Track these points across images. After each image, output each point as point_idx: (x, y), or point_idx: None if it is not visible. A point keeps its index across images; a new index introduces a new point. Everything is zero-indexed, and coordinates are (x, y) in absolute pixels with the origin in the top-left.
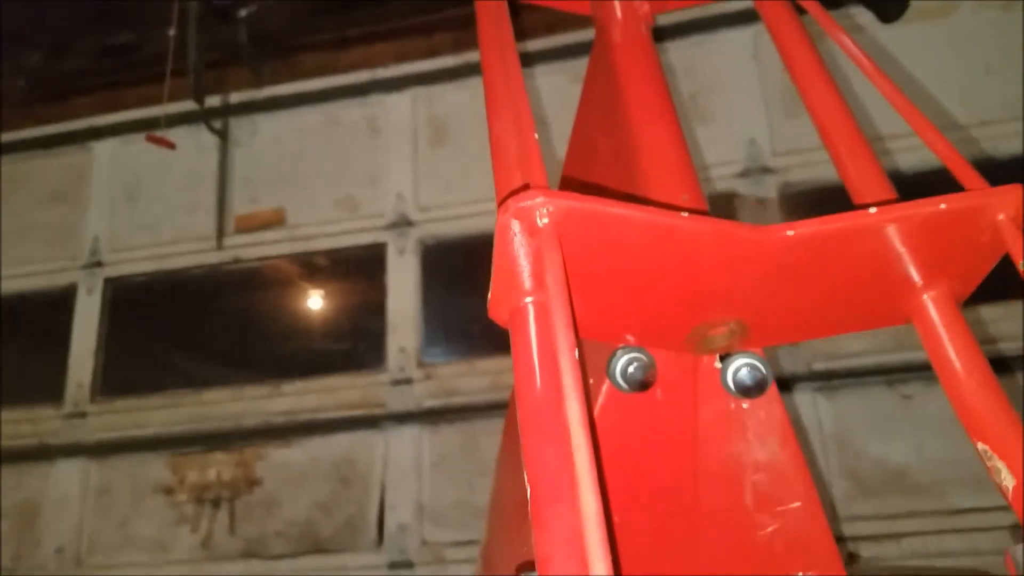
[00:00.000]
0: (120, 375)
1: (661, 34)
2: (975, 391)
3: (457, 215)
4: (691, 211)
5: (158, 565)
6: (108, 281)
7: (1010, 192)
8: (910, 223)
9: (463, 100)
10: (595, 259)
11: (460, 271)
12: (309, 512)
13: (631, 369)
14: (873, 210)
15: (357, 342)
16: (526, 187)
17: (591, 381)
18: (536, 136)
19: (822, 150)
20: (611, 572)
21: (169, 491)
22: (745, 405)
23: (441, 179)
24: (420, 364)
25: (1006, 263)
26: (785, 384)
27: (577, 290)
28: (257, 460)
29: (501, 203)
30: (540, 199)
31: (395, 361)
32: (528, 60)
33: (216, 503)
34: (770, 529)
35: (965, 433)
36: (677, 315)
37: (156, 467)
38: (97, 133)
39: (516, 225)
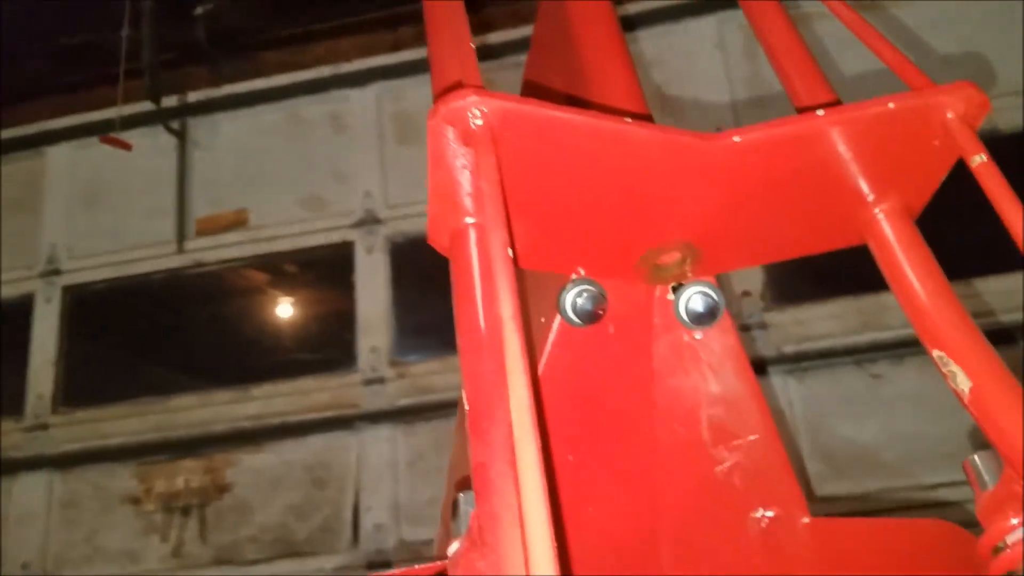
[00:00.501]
0: (82, 385)
1: (630, 24)
2: (929, 300)
3: (427, 211)
4: (636, 116)
5: None
6: (67, 289)
7: (960, 89)
8: (858, 125)
9: (430, 94)
10: (536, 172)
11: (431, 268)
12: (283, 516)
13: (580, 300)
14: (820, 112)
15: (327, 343)
16: (459, 85)
17: (543, 319)
18: (473, 47)
19: None
20: (543, 473)
21: (136, 501)
22: (699, 336)
23: (410, 175)
24: (392, 363)
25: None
26: (756, 368)
27: (519, 209)
28: (227, 466)
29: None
30: (473, 98)
31: (367, 361)
32: (493, 52)
33: (186, 511)
34: (728, 464)
35: (934, 408)
36: (625, 237)
37: (122, 477)
38: (52, 137)
39: (450, 132)
